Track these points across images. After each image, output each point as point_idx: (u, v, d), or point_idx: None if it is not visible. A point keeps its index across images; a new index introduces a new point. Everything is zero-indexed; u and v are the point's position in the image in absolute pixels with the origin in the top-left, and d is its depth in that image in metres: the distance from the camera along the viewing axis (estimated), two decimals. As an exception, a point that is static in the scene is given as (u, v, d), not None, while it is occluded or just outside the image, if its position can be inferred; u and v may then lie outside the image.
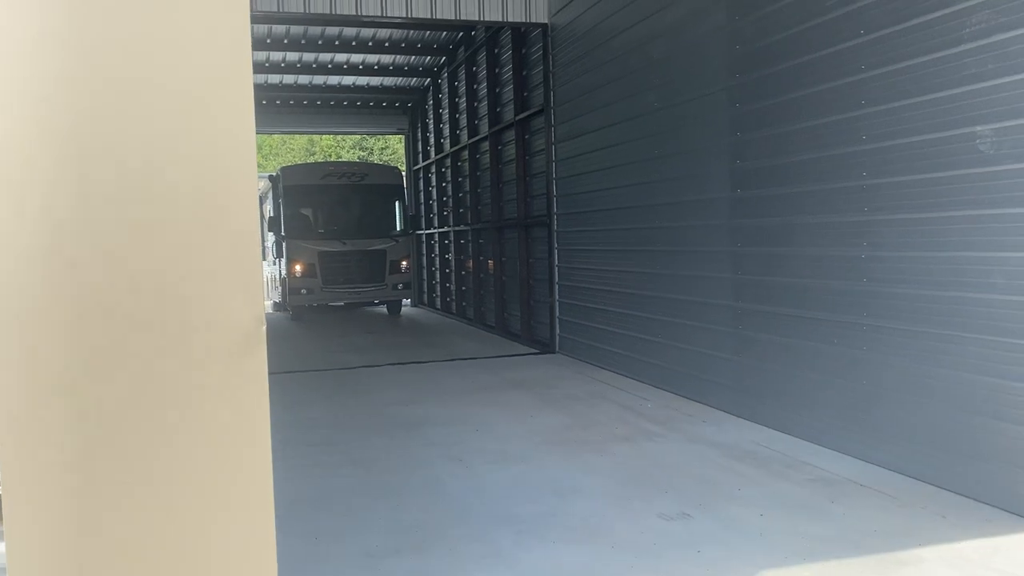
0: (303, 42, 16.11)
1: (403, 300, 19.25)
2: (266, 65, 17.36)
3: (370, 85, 20.11)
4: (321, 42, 16.19)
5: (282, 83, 19.35)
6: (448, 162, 18.30)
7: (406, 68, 18.72)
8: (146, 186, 1.74)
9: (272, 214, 19.13)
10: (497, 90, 14.46)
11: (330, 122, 22.92)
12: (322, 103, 21.23)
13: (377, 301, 18.94)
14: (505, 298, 14.50)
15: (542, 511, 5.08)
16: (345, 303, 19.19)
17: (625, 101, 9.30)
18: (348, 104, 21.46)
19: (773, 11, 6.67)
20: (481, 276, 15.92)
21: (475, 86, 15.89)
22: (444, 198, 19.03)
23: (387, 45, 16.82)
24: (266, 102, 19.92)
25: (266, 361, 1.82)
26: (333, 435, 7.27)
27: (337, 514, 5.18)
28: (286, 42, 16.00)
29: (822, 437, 6.21)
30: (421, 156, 21.22)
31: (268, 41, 15.69)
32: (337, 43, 16.31)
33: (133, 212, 1.74)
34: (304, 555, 4.49)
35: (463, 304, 17.44)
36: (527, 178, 13.04)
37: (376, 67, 18.36)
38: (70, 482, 1.70)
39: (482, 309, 15.92)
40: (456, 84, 17.26)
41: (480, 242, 16.04)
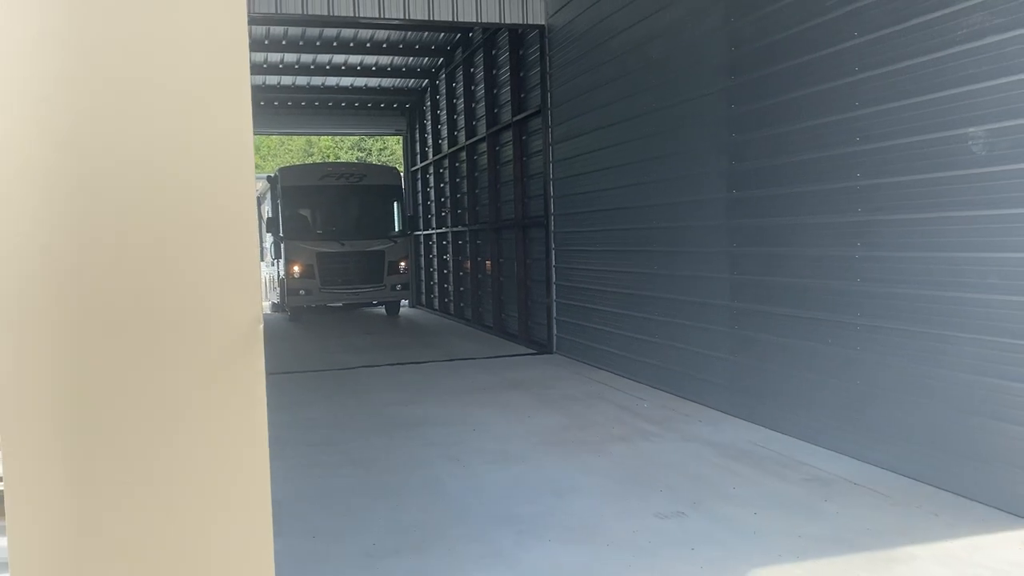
0: (301, 43, 16.12)
1: (401, 301, 19.26)
2: (264, 66, 17.35)
3: (368, 86, 20.11)
4: (319, 43, 16.19)
5: (280, 84, 19.35)
6: (446, 163, 18.30)
7: (404, 69, 18.73)
8: (144, 186, 1.75)
9: (270, 215, 19.12)
10: (495, 91, 14.47)
11: (328, 123, 22.91)
12: (320, 104, 21.22)
13: (375, 302, 18.92)
14: (503, 299, 14.50)
15: (540, 511, 5.09)
16: (343, 304, 19.16)
17: (622, 102, 9.31)
18: (346, 105, 21.45)
19: (770, 12, 6.69)
20: (479, 277, 15.92)
21: (473, 87, 15.90)
22: (442, 199, 19.03)
23: (385, 46, 16.83)
24: (264, 103, 19.91)
25: (264, 361, 1.83)
26: (332, 435, 7.28)
27: (336, 514, 5.19)
28: (284, 43, 15.99)
29: (818, 437, 6.23)
30: (419, 157, 21.22)
31: (266, 42, 15.68)
32: (335, 44, 16.31)
33: (131, 212, 1.75)
34: (303, 555, 4.50)
35: (461, 305, 17.44)
36: (524, 179, 13.05)
37: (374, 68, 18.37)
38: (70, 480, 1.71)
39: (480, 310, 15.92)
40: (454, 85, 17.27)
41: (478, 243, 16.05)
